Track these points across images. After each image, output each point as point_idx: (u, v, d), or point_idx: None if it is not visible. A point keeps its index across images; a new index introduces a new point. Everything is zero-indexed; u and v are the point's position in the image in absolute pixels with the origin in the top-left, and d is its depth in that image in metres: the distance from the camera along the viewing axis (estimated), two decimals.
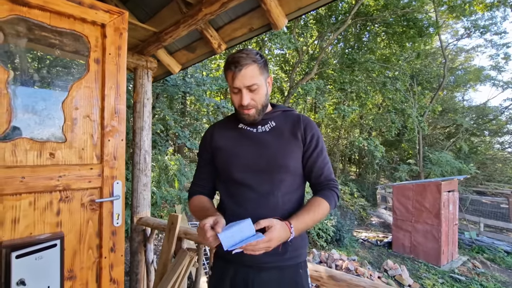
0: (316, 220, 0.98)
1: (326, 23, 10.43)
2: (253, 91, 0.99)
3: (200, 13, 2.08)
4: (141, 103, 2.90)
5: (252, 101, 1.00)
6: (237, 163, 1.02)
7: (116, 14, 1.50)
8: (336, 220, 8.57)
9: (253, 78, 0.98)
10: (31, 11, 1.27)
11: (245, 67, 0.96)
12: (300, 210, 0.96)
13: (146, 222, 2.73)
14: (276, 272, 0.98)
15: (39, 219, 1.25)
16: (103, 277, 1.41)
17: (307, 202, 1.01)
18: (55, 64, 1.47)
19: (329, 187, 1.05)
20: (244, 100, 0.98)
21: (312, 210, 0.96)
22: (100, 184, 1.42)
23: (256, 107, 1.02)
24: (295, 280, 1.00)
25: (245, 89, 0.98)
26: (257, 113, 1.03)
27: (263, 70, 1.02)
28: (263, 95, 1.03)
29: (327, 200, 1.00)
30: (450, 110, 16.91)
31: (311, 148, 1.05)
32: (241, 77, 0.97)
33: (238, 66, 0.96)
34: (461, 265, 7.09)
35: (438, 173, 11.44)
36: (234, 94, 1.02)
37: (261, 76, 1.01)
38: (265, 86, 1.04)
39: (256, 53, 1.02)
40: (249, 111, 1.01)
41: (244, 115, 1.02)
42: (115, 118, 1.47)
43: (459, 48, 17.74)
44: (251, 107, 1.00)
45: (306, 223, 0.94)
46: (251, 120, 1.04)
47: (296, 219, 0.91)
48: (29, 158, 1.24)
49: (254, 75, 0.98)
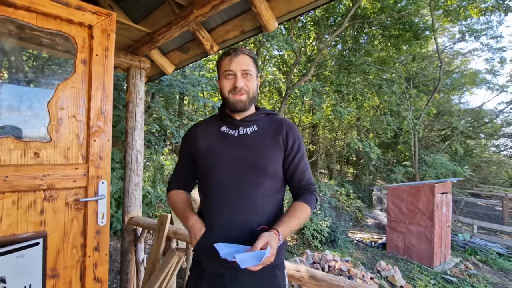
0: (300, 224, 1.02)
1: (324, 25, 10.48)
2: (246, 78, 1.05)
3: (191, 14, 2.10)
4: (134, 103, 2.92)
5: (245, 86, 1.04)
6: (217, 167, 1.04)
7: (103, 16, 1.51)
8: (331, 221, 8.61)
9: (249, 65, 1.05)
10: (17, 12, 1.28)
11: (242, 54, 1.04)
12: (285, 216, 0.99)
13: (137, 222, 2.74)
14: (252, 274, 1.00)
15: (22, 218, 1.26)
16: (87, 276, 1.42)
17: (290, 207, 1.04)
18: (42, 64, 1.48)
19: (310, 191, 1.08)
20: (239, 82, 1.03)
21: (297, 216, 0.99)
22: (85, 184, 1.43)
23: (248, 94, 1.05)
24: (272, 281, 1.02)
25: (240, 72, 1.03)
26: (248, 99, 1.06)
27: (255, 66, 1.09)
28: (254, 86, 1.08)
29: (309, 204, 1.04)
30: (446, 113, 17.02)
31: (292, 153, 1.07)
32: (238, 61, 1.03)
33: (236, 51, 1.04)
34: (453, 267, 7.15)
35: (433, 175, 11.51)
36: (227, 79, 1.05)
37: (254, 69, 1.08)
38: (256, 79, 1.09)
39: (250, 51, 1.11)
40: (241, 96, 1.04)
41: (235, 99, 1.04)
42: (101, 118, 1.49)
43: (455, 51, 17.86)
44: (243, 91, 1.04)
45: (291, 228, 0.97)
46: (241, 106, 1.05)
47: (283, 226, 0.94)
48: (13, 157, 1.25)
49: (250, 63, 1.05)
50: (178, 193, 1.15)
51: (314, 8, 2.05)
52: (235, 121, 1.09)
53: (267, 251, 0.81)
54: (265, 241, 0.85)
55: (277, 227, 0.93)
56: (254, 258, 0.81)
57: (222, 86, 1.07)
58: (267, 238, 0.86)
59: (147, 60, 2.99)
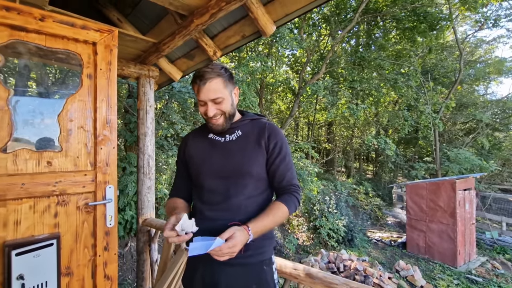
0: (276, 223, 1.06)
1: (335, 21, 10.33)
2: (218, 103, 1.08)
3: (192, 23, 2.19)
4: (144, 110, 3.06)
5: (218, 111, 1.09)
6: (206, 171, 1.12)
7: (106, 32, 1.63)
8: (348, 220, 8.48)
9: (217, 91, 1.06)
10: (28, 35, 1.42)
11: (209, 80, 1.05)
12: (260, 214, 1.03)
13: (150, 223, 2.88)
14: (240, 268, 1.07)
15: (38, 221, 1.40)
16: (98, 274, 1.54)
17: (268, 206, 1.08)
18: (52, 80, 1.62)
19: (290, 191, 1.12)
20: (210, 111, 1.07)
21: (271, 214, 1.04)
22: (94, 189, 1.56)
23: (224, 115, 1.10)
24: (259, 276, 1.08)
25: (210, 102, 1.07)
26: (224, 121, 1.11)
27: (227, 83, 1.10)
28: (229, 106, 1.11)
29: (286, 204, 1.07)
30: (469, 105, 16.19)
31: (273, 155, 1.12)
32: (206, 90, 1.05)
33: (202, 79, 1.05)
34: (479, 266, 6.83)
35: (457, 171, 11.01)
36: (201, 106, 1.10)
37: (226, 89, 1.09)
38: (230, 98, 1.12)
39: (221, 67, 1.10)
40: (216, 121, 1.10)
41: (212, 124, 1.12)
42: (106, 128, 1.61)
43: (478, 39, 16.94)
44: (218, 116, 1.09)
45: (265, 225, 1.01)
46: (219, 129, 1.12)
47: (254, 222, 0.99)
48: (29, 166, 1.39)
49: (218, 88, 1.06)
50: (172, 200, 1.22)
51: (310, 9, 2.07)
52: None
53: (216, 241, 0.86)
54: (230, 233, 0.90)
55: (248, 223, 0.98)
56: (202, 246, 0.87)
57: (199, 110, 1.13)
58: (233, 231, 0.91)
59: (155, 69, 3.13)
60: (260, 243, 1.08)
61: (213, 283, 1.06)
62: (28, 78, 1.59)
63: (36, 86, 1.73)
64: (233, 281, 1.06)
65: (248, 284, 1.06)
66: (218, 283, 1.05)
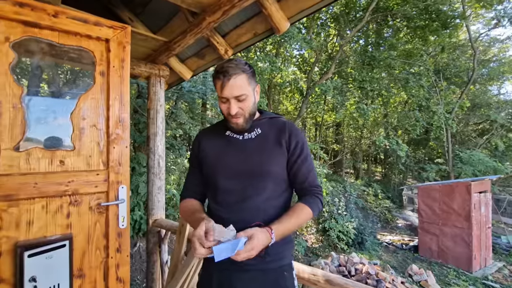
0: (298, 225, 1.00)
1: (344, 20, 10.20)
2: (241, 101, 1.01)
3: (204, 21, 2.15)
4: (155, 110, 3.03)
5: (240, 110, 1.02)
6: (222, 170, 1.06)
7: (119, 29, 1.60)
8: (358, 223, 8.33)
9: (241, 88, 1.00)
10: (41, 32, 1.40)
11: (233, 76, 0.98)
12: (283, 216, 0.97)
13: (160, 224, 2.85)
14: (259, 274, 1.01)
15: (50, 222, 1.36)
16: (110, 276, 1.50)
17: (291, 208, 1.03)
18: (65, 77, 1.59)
19: (313, 193, 1.06)
20: (232, 110, 1.00)
21: (294, 216, 0.98)
22: (106, 189, 1.52)
23: (244, 116, 1.04)
24: (279, 282, 1.02)
25: (233, 99, 1.00)
26: (245, 121, 1.05)
27: (251, 80, 1.04)
28: (251, 104, 1.05)
29: (310, 206, 1.02)
30: (483, 105, 15.77)
31: (295, 155, 1.06)
32: (230, 86, 0.98)
33: (227, 75, 0.98)
34: (495, 272, 6.60)
35: (470, 173, 10.71)
36: (222, 103, 1.04)
37: (249, 86, 1.03)
38: (253, 96, 1.06)
39: (245, 63, 1.04)
40: (237, 120, 1.04)
41: (232, 123, 1.05)
42: (119, 126, 1.57)
43: (492, 38, 16.49)
44: (239, 115, 1.03)
45: (288, 228, 0.96)
46: (239, 129, 1.06)
47: (277, 224, 0.93)
48: (41, 165, 1.36)
49: (243, 85, 1.00)
50: (188, 202, 1.15)
51: (327, 5, 2.00)
52: None
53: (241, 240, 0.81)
54: (250, 233, 0.85)
55: (271, 224, 0.92)
56: (228, 249, 0.80)
57: (220, 107, 1.06)
58: (253, 231, 0.85)
59: (166, 68, 3.10)
60: (279, 247, 1.01)
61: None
62: (40, 76, 1.57)
63: (49, 84, 1.71)
64: (251, 287, 1.00)
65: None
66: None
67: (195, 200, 1.16)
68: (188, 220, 1.12)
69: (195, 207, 1.11)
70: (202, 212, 1.07)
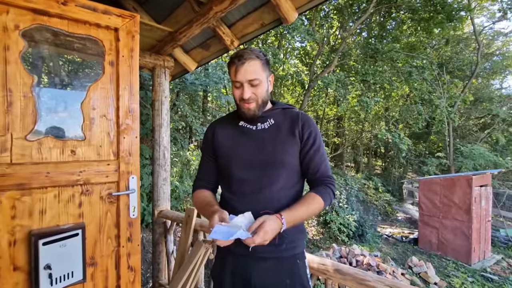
0: (310, 214, 1.01)
1: (347, 12, 10.06)
2: (255, 86, 1.02)
3: (211, 11, 2.12)
4: (160, 101, 3.02)
5: (253, 95, 1.03)
6: (236, 160, 1.07)
7: (128, 18, 1.58)
8: (359, 215, 8.40)
9: (255, 73, 1.01)
10: (51, 20, 1.38)
11: (248, 61, 1.00)
12: (295, 204, 0.98)
13: (166, 215, 2.86)
14: (273, 262, 1.02)
15: (63, 211, 1.37)
16: (121, 265, 1.52)
17: (303, 197, 1.04)
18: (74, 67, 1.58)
19: (325, 183, 1.07)
20: (245, 93, 1.01)
21: (306, 205, 0.99)
22: (117, 179, 1.52)
23: (257, 101, 1.04)
24: (292, 270, 1.03)
25: (247, 83, 1.01)
26: (257, 107, 1.05)
27: (265, 67, 1.06)
28: (264, 91, 1.06)
29: (321, 196, 1.02)
30: (485, 99, 15.70)
31: (308, 146, 1.07)
32: (243, 70, 1.00)
33: (241, 59, 1.00)
34: (494, 264, 6.69)
35: (471, 167, 10.75)
36: (235, 88, 1.05)
37: (263, 72, 1.04)
38: (266, 83, 1.07)
39: (259, 51, 1.06)
40: (249, 105, 1.04)
41: (244, 109, 1.05)
42: (129, 116, 1.57)
43: (496, 31, 16.31)
44: (251, 100, 1.03)
45: (299, 215, 0.96)
46: (251, 114, 1.06)
47: (288, 211, 0.94)
48: (53, 155, 1.36)
49: (256, 70, 1.01)
50: (201, 193, 1.15)
51: None
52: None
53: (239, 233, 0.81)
54: (260, 221, 0.86)
55: (282, 212, 0.93)
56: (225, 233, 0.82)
57: (233, 93, 1.07)
58: (264, 219, 0.86)
59: (170, 59, 3.07)
60: (292, 236, 1.03)
61: (245, 277, 1.02)
62: (50, 65, 1.55)
63: (59, 74, 1.69)
64: (266, 275, 1.01)
65: (281, 278, 1.02)
66: (251, 277, 1.01)
67: (207, 190, 1.17)
68: (202, 212, 1.12)
69: (208, 198, 1.12)
70: (215, 203, 1.08)
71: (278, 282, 1.01)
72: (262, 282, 1.00)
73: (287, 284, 1.01)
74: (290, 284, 1.01)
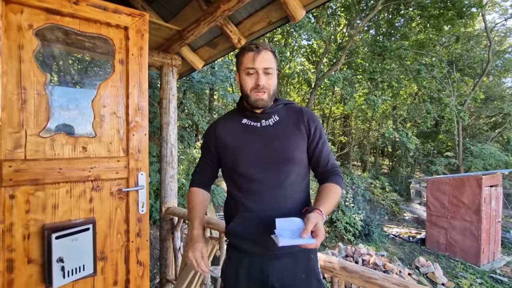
0: (335, 204, 1.03)
1: (355, 9, 9.96)
2: (268, 75, 1.04)
3: (218, 9, 2.13)
4: (167, 99, 3.05)
5: (266, 84, 1.04)
6: (244, 159, 1.05)
7: (137, 17, 1.60)
8: (365, 215, 8.34)
9: (270, 62, 1.04)
10: (63, 19, 1.41)
11: (264, 51, 1.03)
12: (322, 197, 1.00)
13: (173, 212, 2.90)
14: (289, 259, 1.03)
15: (74, 206, 1.41)
16: (131, 259, 1.55)
17: (323, 188, 1.05)
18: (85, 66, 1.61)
19: (336, 172, 1.10)
20: (261, 80, 1.02)
21: (332, 196, 1.01)
22: (127, 175, 1.55)
23: (268, 92, 1.05)
24: (307, 265, 1.04)
25: (262, 70, 1.02)
26: (269, 98, 1.06)
27: (276, 61, 1.09)
28: (274, 83, 1.08)
29: (339, 185, 1.06)
30: (496, 97, 15.36)
31: (316, 139, 1.09)
32: (261, 58, 1.02)
33: (258, 48, 1.02)
34: (504, 266, 6.58)
35: (480, 167, 10.55)
36: (248, 75, 1.04)
37: (275, 65, 1.07)
38: (276, 76, 1.09)
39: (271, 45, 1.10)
40: (263, 95, 1.04)
41: (256, 97, 1.04)
42: (138, 114, 1.59)
43: (508, 28, 15.92)
44: (265, 90, 1.04)
45: (330, 207, 0.99)
46: (263, 104, 1.06)
47: (323, 205, 0.96)
48: (65, 151, 1.40)
49: (271, 60, 1.05)
50: (198, 193, 1.19)
51: None
52: (255, 114, 1.10)
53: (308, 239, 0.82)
54: (314, 223, 0.85)
55: (318, 207, 0.94)
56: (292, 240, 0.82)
57: (243, 83, 1.06)
58: (315, 220, 0.86)
59: (178, 57, 3.09)
60: None
61: (262, 278, 1.01)
62: (62, 64, 1.59)
63: (70, 72, 1.73)
64: (283, 273, 1.01)
65: (298, 274, 1.02)
66: (268, 277, 1.00)
67: (201, 189, 1.21)
68: (189, 209, 1.17)
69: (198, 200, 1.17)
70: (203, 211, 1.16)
71: (295, 279, 1.02)
72: (280, 281, 1.00)
73: (303, 280, 1.02)
74: (305, 279, 1.02)
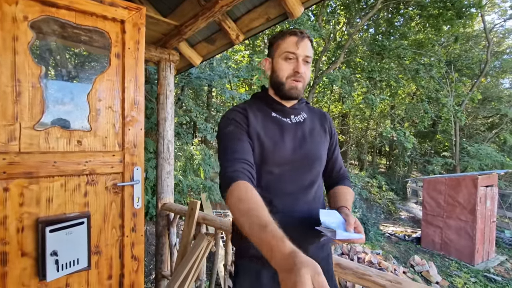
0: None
1: (355, 8, 9.94)
2: (306, 65, 0.98)
3: (217, 5, 2.12)
4: (164, 95, 3.03)
5: (304, 74, 0.97)
6: (277, 156, 0.94)
7: (134, 10, 1.59)
8: (361, 213, 8.38)
9: (311, 51, 0.98)
10: (59, 11, 1.40)
11: (307, 38, 0.98)
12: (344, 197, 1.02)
13: (169, 208, 2.90)
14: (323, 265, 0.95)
15: (69, 199, 1.40)
16: (125, 254, 1.55)
17: (341, 190, 1.07)
18: (81, 59, 1.60)
19: (346, 176, 1.15)
20: (301, 67, 0.95)
21: (350, 198, 1.04)
22: (122, 170, 1.55)
23: (304, 82, 0.99)
24: (327, 271, 0.97)
25: (303, 58, 0.96)
26: (302, 89, 1.00)
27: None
28: (309, 74, 1.02)
29: (352, 189, 1.11)
30: (493, 98, 15.43)
31: (333, 145, 1.12)
32: (304, 44, 0.95)
33: (303, 33, 0.97)
34: (497, 265, 6.64)
35: (477, 167, 10.62)
36: (286, 61, 0.96)
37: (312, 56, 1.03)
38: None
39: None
40: (298, 83, 0.97)
41: (292, 84, 0.96)
42: (134, 108, 1.59)
43: (507, 29, 15.96)
44: (301, 79, 0.97)
45: (350, 207, 1.00)
46: (297, 94, 0.98)
47: (347, 204, 0.98)
48: (60, 145, 1.39)
49: (311, 49, 0.99)
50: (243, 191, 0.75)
51: None
52: (284, 108, 1.02)
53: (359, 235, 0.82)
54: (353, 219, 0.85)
55: (345, 204, 0.96)
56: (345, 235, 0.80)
57: (278, 68, 0.97)
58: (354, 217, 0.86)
59: (176, 53, 3.08)
60: None
61: None
62: (58, 57, 1.58)
63: (66, 65, 1.71)
64: None
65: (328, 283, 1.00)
66: None
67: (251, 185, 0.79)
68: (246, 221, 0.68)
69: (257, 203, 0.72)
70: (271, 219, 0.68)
71: None
72: None
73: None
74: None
